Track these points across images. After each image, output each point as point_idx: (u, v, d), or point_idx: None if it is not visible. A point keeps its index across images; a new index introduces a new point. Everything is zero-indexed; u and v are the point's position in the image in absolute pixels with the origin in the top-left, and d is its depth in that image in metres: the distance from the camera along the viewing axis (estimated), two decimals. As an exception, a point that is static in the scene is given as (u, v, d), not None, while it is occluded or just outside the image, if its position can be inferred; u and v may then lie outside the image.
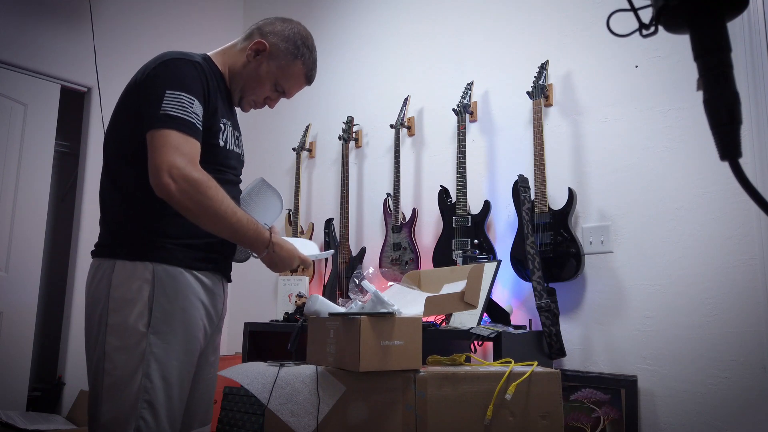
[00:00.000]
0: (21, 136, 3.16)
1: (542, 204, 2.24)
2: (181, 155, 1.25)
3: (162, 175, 1.23)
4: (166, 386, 1.30)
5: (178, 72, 1.33)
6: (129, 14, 3.55)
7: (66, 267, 3.32)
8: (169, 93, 1.29)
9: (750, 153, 1.90)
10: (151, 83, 1.32)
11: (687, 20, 0.66)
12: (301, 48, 1.53)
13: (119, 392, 1.26)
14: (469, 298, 1.59)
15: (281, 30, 1.52)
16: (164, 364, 1.30)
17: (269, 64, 1.50)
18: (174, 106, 1.28)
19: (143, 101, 1.31)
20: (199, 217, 1.28)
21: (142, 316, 1.29)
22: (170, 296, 1.33)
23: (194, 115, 1.30)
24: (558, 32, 2.45)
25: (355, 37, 3.36)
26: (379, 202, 2.97)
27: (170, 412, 1.31)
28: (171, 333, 1.32)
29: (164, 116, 1.26)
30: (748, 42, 1.95)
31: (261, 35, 1.50)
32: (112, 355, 1.28)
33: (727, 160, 0.63)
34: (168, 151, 1.24)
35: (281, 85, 1.54)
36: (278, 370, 1.43)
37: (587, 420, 2.05)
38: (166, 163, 1.23)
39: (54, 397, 3.09)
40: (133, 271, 1.31)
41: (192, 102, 1.30)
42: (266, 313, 3.34)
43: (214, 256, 1.44)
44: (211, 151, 1.39)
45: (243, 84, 1.51)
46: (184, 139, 1.27)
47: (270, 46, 1.49)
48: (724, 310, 1.93)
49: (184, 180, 1.24)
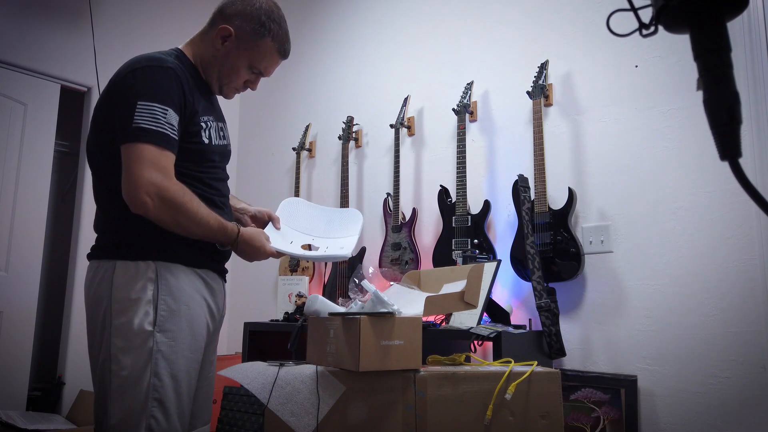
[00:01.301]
0: (21, 136, 3.16)
1: (542, 204, 2.24)
2: (156, 170, 1.24)
3: (138, 193, 1.23)
4: (175, 384, 1.30)
5: (150, 80, 1.30)
6: (129, 14, 3.55)
7: (66, 267, 3.32)
8: (141, 104, 1.26)
9: (750, 153, 1.90)
10: (122, 94, 1.30)
11: (687, 20, 0.66)
12: (267, 23, 1.45)
13: (128, 392, 1.26)
14: (469, 298, 1.59)
15: (243, 9, 1.44)
16: (172, 361, 1.30)
17: (238, 49, 1.45)
18: (146, 119, 1.25)
19: (116, 112, 1.30)
20: (174, 228, 1.31)
21: (148, 315, 1.28)
22: (174, 294, 1.33)
23: (167, 125, 1.28)
24: (558, 32, 2.45)
25: (355, 36, 3.36)
26: (379, 201, 2.96)
27: (180, 409, 1.32)
28: (177, 330, 1.32)
29: (137, 129, 1.25)
30: (748, 42, 1.95)
31: (224, 19, 1.44)
32: (119, 356, 1.27)
33: (727, 160, 0.63)
34: (142, 166, 1.23)
35: (256, 67, 1.49)
36: (278, 370, 1.43)
37: (587, 420, 2.05)
38: (143, 180, 1.23)
39: (54, 397, 3.09)
40: (135, 270, 1.31)
41: (165, 112, 1.28)
42: (266, 312, 3.34)
43: (213, 254, 1.45)
44: (196, 151, 1.39)
45: (218, 73, 1.47)
46: (158, 153, 1.26)
47: (235, 29, 1.43)
48: (724, 310, 1.93)
49: (160, 198, 1.25)
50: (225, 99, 1.57)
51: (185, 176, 1.35)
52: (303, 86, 3.58)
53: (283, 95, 3.66)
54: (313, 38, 3.54)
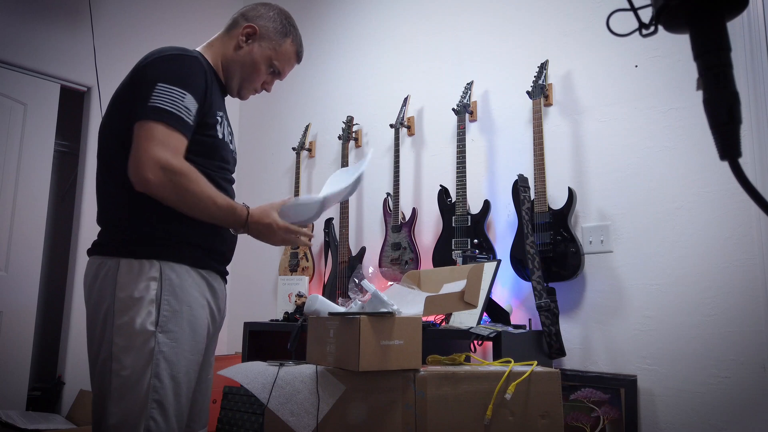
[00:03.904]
0: (21, 136, 3.16)
1: (542, 203, 2.24)
2: (165, 149, 1.24)
3: (143, 170, 1.23)
4: (175, 385, 1.30)
5: (174, 66, 1.33)
6: (129, 14, 3.55)
7: (66, 267, 3.32)
8: (161, 86, 1.28)
9: (750, 153, 1.90)
10: (144, 77, 1.32)
11: (687, 20, 0.66)
12: (288, 27, 1.57)
13: (128, 393, 1.25)
14: (468, 298, 1.59)
15: (266, 13, 1.56)
16: (173, 363, 1.29)
17: (261, 46, 1.53)
18: (163, 99, 1.27)
19: (136, 93, 1.31)
20: (180, 206, 1.30)
21: (150, 315, 1.28)
22: (177, 294, 1.32)
23: (184, 109, 1.29)
24: (558, 32, 2.45)
25: (355, 36, 3.36)
26: (378, 201, 2.96)
27: (178, 411, 1.31)
28: (179, 331, 1.31)
29: (151, 108, 1.26)
30: (748, 42, 1.95)
31: (247, 21, 1.53)
32: (119, 356, 1.26)
33: (726, 159, 0.63)
34: (152, 144, 1.23)
35: (276, 66, 1.57)
36: (278, 370, 1.43)
37: (587, 419, 2.05)
38: (149, 155, 1.23)
39: (54, 397, 3.09)
40: (140, 269, 1.30)
41: (183, 96, 1.29)
42: (266, 312, 3.34)
43: (216, 256, 1.44)
44: (210, 145, 1.39)
45: (240, 71, 1.52)
46: (169, 133, 1.26)
47: (259, 28, 1.52)
48: (724, 309, 1.93)
49: (165, 174, 1.24)
50: (240, 101, 1.60)
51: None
52: (303, 86, 3.58)
53: (283, 95, 3.66)
54: (313, 38, 3.54)
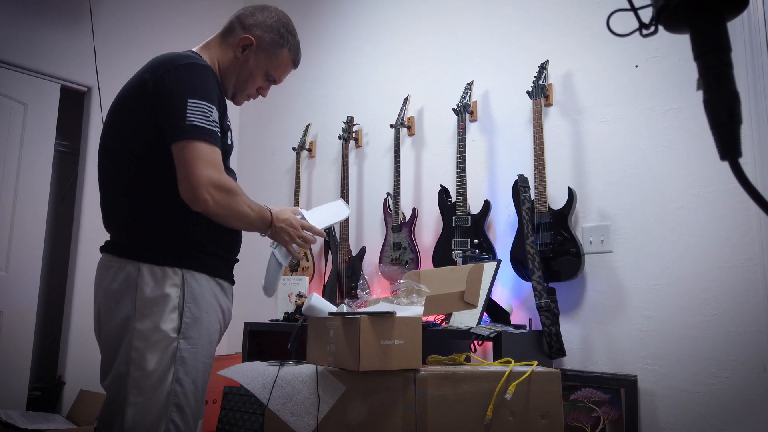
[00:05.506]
0: (21, 136, 3.16)
1: (542, 204, 2.24)
2: (213, 168, 1.27)
3: (201, 192, 1.25)
4: (195, 389, 1.32)
5: (195, 78, 1.32)
6: (129, 14, 3.55)
7: (66, 267, 3.32)
8: (192, 102, 1.27)
9: (750, 153, 1.90)
10: (169, 91, 1.29)
11: (687, 20, 0.66)
12: (285, 35, 1.55)
13: (148, 397, 1.26)
14: (468, 298, 1.59)
15: (263, 20, 1.52)
16: (192, 367, 1.31)
17: (257, 57, 1.51)
18: (198, 116, 1.27)
19: (164, 109, 1.29)
20: (228, 221, 1.35)
21: (173, 322, 1.29)
22: (198, 302, 1.34)
23: (215, 123, 1.31)
24: (558, 32, 2.45)
25: (355, 36, 3.36)
26: (379, 201, 2.96)
27: (196, 414, 1.34)
28: (198, 337, 1.33)
29: (191, 127, 1.26)
30: (748, 42, 1.95)
31: (244, 29, 1.50)
32: (140, 361, 1.26)
33: (727, 159, 0.63)
34: (202, 165, 1.25)
35: (271, 75, 1.57)
36: (278, 370, 1.43)
37: (587, 419, 2.05)
38: (204, 179, 1.25)
39: (54, 397, 3.09)
40: (162, 275, 1.30)
41: (211, 110, 1.30)
42: (266, 312, 3.33)
43: (230, 263, 1.48)
44: (224, 153, 1.39)
45: (235, 80, 1.52)
46: (211, 150, 1.28)
47: (256, 39, 1.50)
48: (724, 309, 1.93)
49: (219, 194, 1.28)
50: (234, 105, 1.60)
51: None
52: (303, 86, 3.58)
53: (283, 95, 3.66)
54: (313, 38, 3.54)
